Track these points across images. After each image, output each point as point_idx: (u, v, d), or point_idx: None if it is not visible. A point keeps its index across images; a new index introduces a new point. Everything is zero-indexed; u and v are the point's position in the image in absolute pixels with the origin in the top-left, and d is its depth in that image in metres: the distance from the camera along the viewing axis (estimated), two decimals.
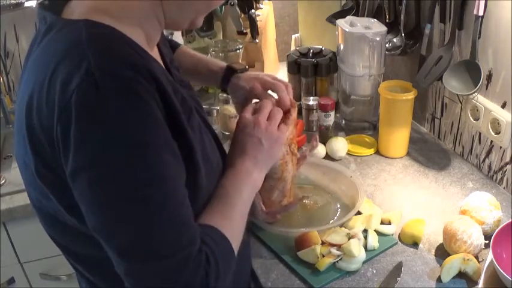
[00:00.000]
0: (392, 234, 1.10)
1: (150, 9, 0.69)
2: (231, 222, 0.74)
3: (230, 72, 1.03)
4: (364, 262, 1.03)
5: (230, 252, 0.72)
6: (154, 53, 0.76)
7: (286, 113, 0.91)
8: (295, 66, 1.62)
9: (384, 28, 1.40)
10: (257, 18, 1.76)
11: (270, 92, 0.96)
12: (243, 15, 1.78)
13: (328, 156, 1.41)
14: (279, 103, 0.91)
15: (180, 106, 0.67)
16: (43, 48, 0.66)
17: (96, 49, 0.60)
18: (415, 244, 1.08)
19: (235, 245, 0.73)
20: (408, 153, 1.42)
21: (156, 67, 0.68)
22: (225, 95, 1.45)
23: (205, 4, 0.73)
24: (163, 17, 0.70)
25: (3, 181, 1.44)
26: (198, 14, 0.73)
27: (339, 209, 1.18)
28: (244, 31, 1.79)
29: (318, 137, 1.11)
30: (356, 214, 1.12)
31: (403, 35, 1.43)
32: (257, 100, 0.94)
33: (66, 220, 0.69)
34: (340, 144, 1.41)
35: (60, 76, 0.59)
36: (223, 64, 1.06)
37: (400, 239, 1.10)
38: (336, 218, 1.15)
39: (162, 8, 0.69)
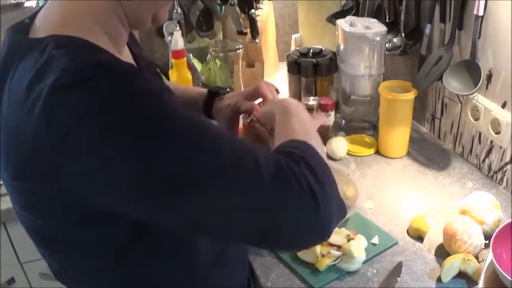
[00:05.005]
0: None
1: (111, 10, 0.67)
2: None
3: (212, 96, 1.02)
4: (364, 262, 1.03)
5: (309, 147, 0.69)
6: (125, 55, 0.76)
7: None
8: (295, 66, 1.62)
9: (384, 28, 1.40)
10: (257, 18, 1.76)
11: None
12: (243, 15, 1.78)
13: (328, 156, 1.41)
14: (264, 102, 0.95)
15: None
16: (18, 72, 0.63)
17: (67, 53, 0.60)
18: (420, 238, 1.09)
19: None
20: (408, 153, 1.42)
21: None
22: None
23: None
24: (125, 16, 0.69)
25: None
26: (158, 6, 0.72)
27: None
28: (244, 31, 1.79)
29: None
30: None
31: (403, 35, 1.43)
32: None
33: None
34: (340, 144, 1.41)
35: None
36: (203, 90, 1.05)
37: (408, 233, 1.11)
38: None
39: (122, 7, 0.68)
